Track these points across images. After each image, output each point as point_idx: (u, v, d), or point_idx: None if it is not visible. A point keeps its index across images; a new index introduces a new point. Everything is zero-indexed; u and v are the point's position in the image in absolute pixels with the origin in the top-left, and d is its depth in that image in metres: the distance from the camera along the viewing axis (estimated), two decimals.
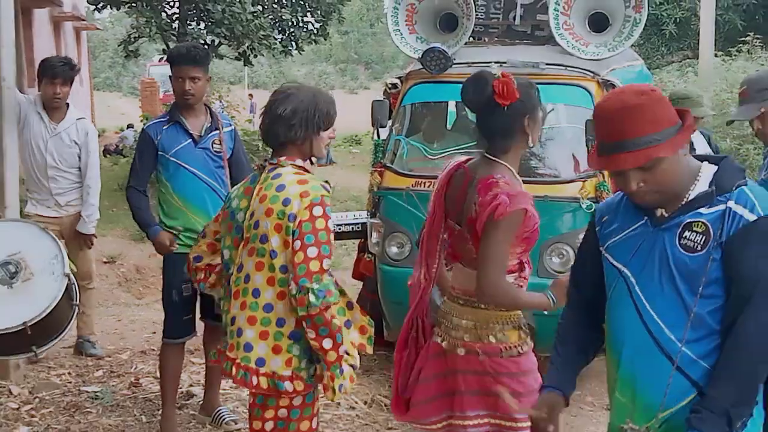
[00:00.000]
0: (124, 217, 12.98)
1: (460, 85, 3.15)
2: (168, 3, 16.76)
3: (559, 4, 5.76)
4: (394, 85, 6.18)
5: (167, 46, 16.00)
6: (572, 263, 5.38)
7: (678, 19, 15.42)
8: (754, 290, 2.21)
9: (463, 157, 3.29)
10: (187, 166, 4.56)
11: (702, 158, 2.40)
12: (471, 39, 6.15)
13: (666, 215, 2.34)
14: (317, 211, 3.09)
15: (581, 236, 5.10)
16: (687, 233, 2.29)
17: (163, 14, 16.43)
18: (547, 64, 5.62)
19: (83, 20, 22.77)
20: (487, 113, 3.10)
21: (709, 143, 5.74)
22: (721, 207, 2.27)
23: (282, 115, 3.22)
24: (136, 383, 5.61)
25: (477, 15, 6.03)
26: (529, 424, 2.84)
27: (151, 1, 15.97)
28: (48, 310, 3.48)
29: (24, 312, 3.45)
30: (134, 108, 28.51)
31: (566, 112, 5.79)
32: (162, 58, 17.88)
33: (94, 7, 17.04)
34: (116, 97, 43.82)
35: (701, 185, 2.32)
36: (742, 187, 2.29)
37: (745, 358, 2.22)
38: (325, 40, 20.28)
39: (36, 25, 17.00)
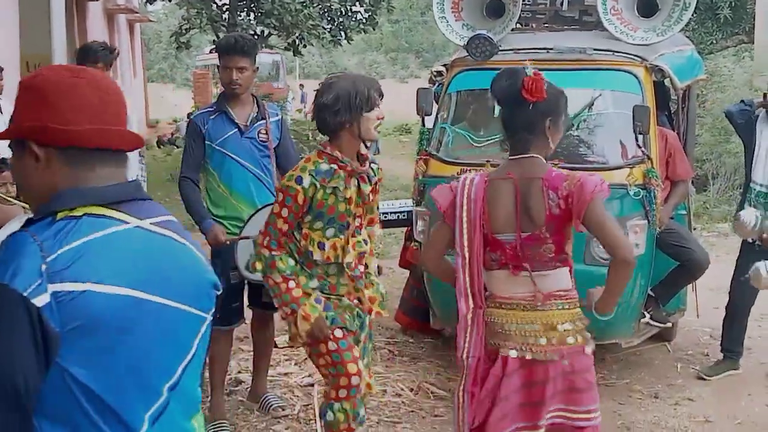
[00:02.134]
0: (176, 207, 13.16)
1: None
2: None
3: None
4: (440, 73, 6.16)
5: (218, 37, 16.16)
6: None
7: (733, 3, 15.06)
8: None
9: (474, 174, 3.26)
10: (232, 155, 4.58)
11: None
12: (518, 25, 6.11)
13: None
14: (278, 196, 3.61)
15: (629, 224, 5.15)
16: None
17: (213, 5, 16.59)
18: (594, 49, 5.56)
19: (136, 13, 23.08)
20: (513, 107, 3.14)
21: None
22: None
23: (326, 104, 3.51)
24: None
25: (524, 1, 5.97)
26: (598, 414, 3.15)
27: None
28: None
29: None
30: (187, 99, 28.75)
31: (614, 97, 5.72)
32: (212, 49, 18.05)
33: None
34: (170, 89, 44.26)
35: None
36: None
37: None
38: (374, 29, 20.24)
39: (90, 17, 17.27)
